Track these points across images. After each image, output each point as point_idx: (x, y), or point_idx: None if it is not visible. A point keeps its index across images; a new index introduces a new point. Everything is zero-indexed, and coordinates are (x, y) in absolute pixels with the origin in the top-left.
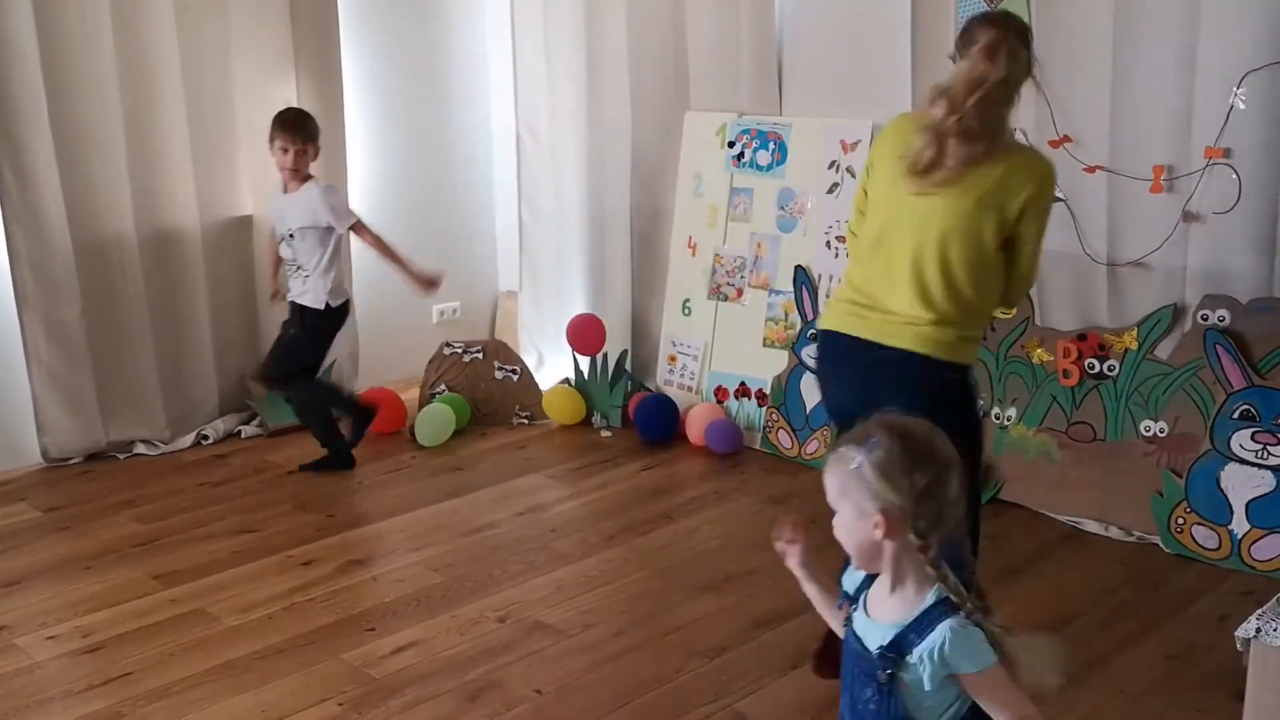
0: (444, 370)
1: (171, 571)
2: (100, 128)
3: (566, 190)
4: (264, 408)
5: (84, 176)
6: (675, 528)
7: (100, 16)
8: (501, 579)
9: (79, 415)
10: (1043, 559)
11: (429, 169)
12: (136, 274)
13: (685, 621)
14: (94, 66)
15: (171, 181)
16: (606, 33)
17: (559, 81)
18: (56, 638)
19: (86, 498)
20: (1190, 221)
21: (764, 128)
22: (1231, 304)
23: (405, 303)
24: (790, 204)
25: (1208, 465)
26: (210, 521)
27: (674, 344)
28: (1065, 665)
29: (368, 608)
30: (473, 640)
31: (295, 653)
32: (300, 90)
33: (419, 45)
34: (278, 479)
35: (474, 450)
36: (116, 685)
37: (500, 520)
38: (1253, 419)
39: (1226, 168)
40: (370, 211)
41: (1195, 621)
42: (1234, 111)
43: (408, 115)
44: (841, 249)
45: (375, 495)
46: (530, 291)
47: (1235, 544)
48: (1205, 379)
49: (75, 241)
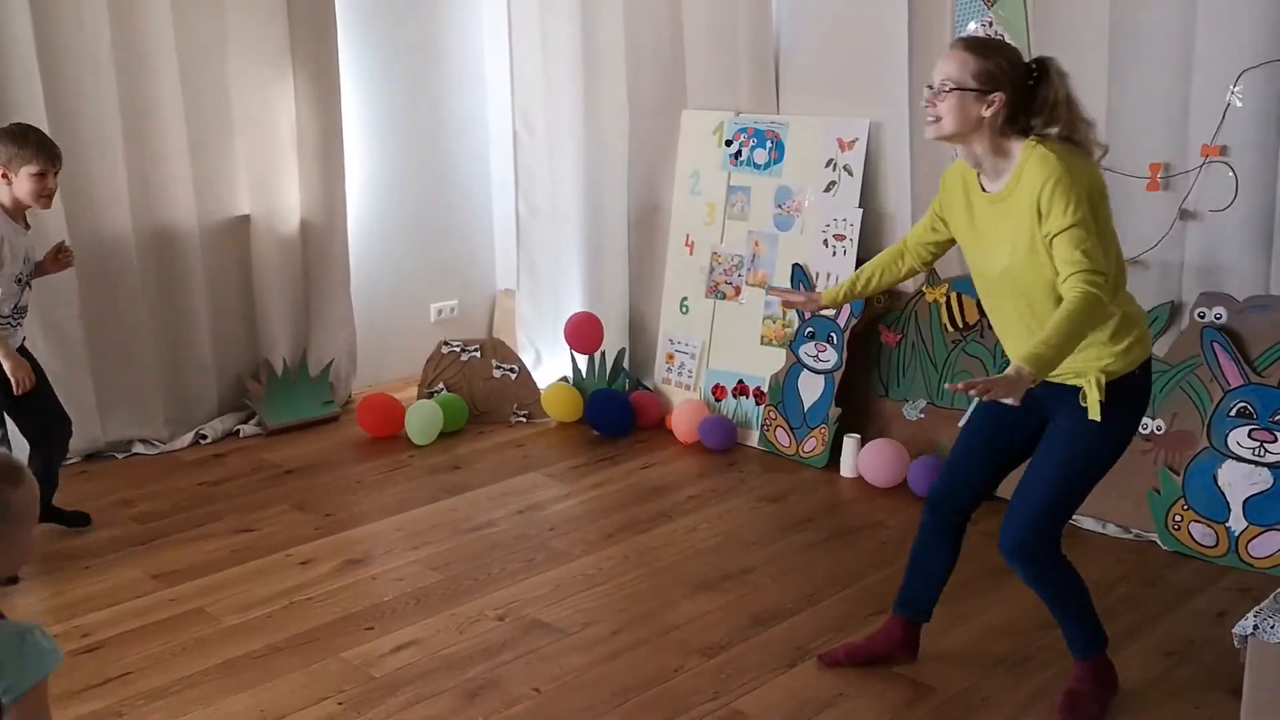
0: (442, 369)
1: (170, 571)
2: (97, 128)
3: (564, 188)
4: (262, 407)
5: (82, 176)
6: (673, 526)
7: (97, 15)
8: (500, 577)
9: (77, 415)
10: None
11: (426, 167)
12: (134, 274)
13: (684, 620)
14: (91, 66)
15: (169, 181)
16: (603, 31)
17: (556, 80)
18: (56, 637)
19: (85, 497)
20: (1187, 219)
21: (761, 126)
22: (1228, 302)
23: (403, 302)
24: (788, 202)
25: (1205, 463)
26: (208, 521)
27: (672, 342)
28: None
29: (366, 607)
30: (471, 639)
31: (294, 652)
32: (297, 88)
33: (416, 43)
34: (276, 478)
35: (472, 449)
36: (115, 685)
37: (499, 519)
38: (1250, 416)
39: (1223, 165)
40: (368, 210)
41: (1193, 618)
42: (1230, 109)
43: (405, 114)
44: (839, 246)
45: (373, 494)
46: (528, 290)
47: (1233, 541)
48: (1202, 376)
49: (73, 241)
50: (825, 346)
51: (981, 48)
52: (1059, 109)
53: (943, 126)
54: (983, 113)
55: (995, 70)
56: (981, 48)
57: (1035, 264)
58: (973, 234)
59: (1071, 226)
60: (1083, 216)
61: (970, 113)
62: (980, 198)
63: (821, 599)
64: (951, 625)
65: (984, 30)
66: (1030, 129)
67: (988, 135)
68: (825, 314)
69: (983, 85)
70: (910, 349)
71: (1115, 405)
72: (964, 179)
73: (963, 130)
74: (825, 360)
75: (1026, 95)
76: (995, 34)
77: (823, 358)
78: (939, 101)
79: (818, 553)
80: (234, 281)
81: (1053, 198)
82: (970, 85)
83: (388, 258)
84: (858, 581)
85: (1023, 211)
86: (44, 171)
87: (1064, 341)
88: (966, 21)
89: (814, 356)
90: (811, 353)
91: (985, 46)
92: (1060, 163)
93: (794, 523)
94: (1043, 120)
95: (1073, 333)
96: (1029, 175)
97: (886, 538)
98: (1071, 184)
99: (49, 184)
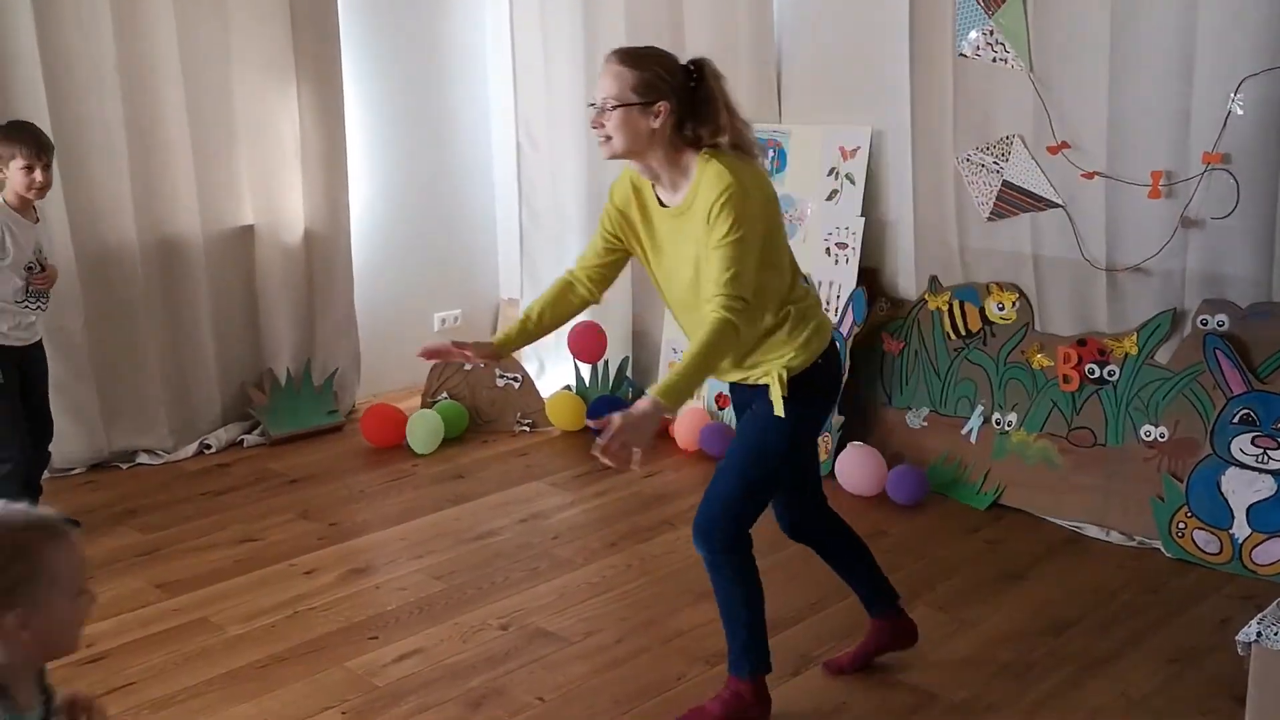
0: (445, 378)
1: (174, 581)
2: (102, 138)
3: (566, 197)
4: (266, 416)
5: (86, 186)
6: (677, 534)
7: (101, 26)
8: (503, 586)
9: (82, 425)
10: (1044, 563)
11: (430, 177)
12: (139, 283)
13: (687, 628)
14: (95, 76)
15: (174, 191)
16: (605, 40)
17: (558, 89)
18: None
19: (89, 507)
20: (1189, 227)
21: (763, 135)
22: (1231, 309)
23: (406, 311)
24: (790, 211)
25: (1208, 470)
26: (212, 531)
27: (675, 350)
28: None
29: (370, 616)
30: (475, 648)
31: (298, 661)
32: (301, 98)
33: (418, 52)
34: (280, 488)
35: (475, 458)
36: (120, 695)
37: (502, 527)
38: (1253, 423)
39: (1225, 173)
40: (371, 219)
41: (1196, 626)
42: (1232, 117)
43: (408, 122)
44: (841, 255)
45: (377, 503)
46: (531, 298)
47: (1236, 548)
48: (1205, 383)
49: (78, 251)
50: None
51: (635, 59)
52: (721, 113)
53: (614, 145)
54: (652, 125)
55: (654, 79)
56: (635, 59)
57: None
58: (654, 248)
59: (729, 245)
60: (743, 235)
61: (639, 127)
62: (659, 211)
63: (824, 607)
64: (954, 633)
65: (985, 39)
66: (700, 139)
67: (661, 148)
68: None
69: (645, 97)
70: (913, 357)
71: (802, 396)
72: (637, 192)
73: (635, 146)
74: None
75: (690, 100)
76: (996, 42)
77: None
78: (605, 121)
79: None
80: (238, 291)
81: (720, 214)
82: (633, 99)
83: (391, 267)
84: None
85: (701, 224)
86: (30, 165)
87: (696, 373)
88: (967, 30)
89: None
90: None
91: (639, 56)
92: (735, 179)
93: None
94: (710, 128)
95: (706, 363)
96: (704, 188)
97: (889, 545)
98: (743, 201)
99: (37, 176)
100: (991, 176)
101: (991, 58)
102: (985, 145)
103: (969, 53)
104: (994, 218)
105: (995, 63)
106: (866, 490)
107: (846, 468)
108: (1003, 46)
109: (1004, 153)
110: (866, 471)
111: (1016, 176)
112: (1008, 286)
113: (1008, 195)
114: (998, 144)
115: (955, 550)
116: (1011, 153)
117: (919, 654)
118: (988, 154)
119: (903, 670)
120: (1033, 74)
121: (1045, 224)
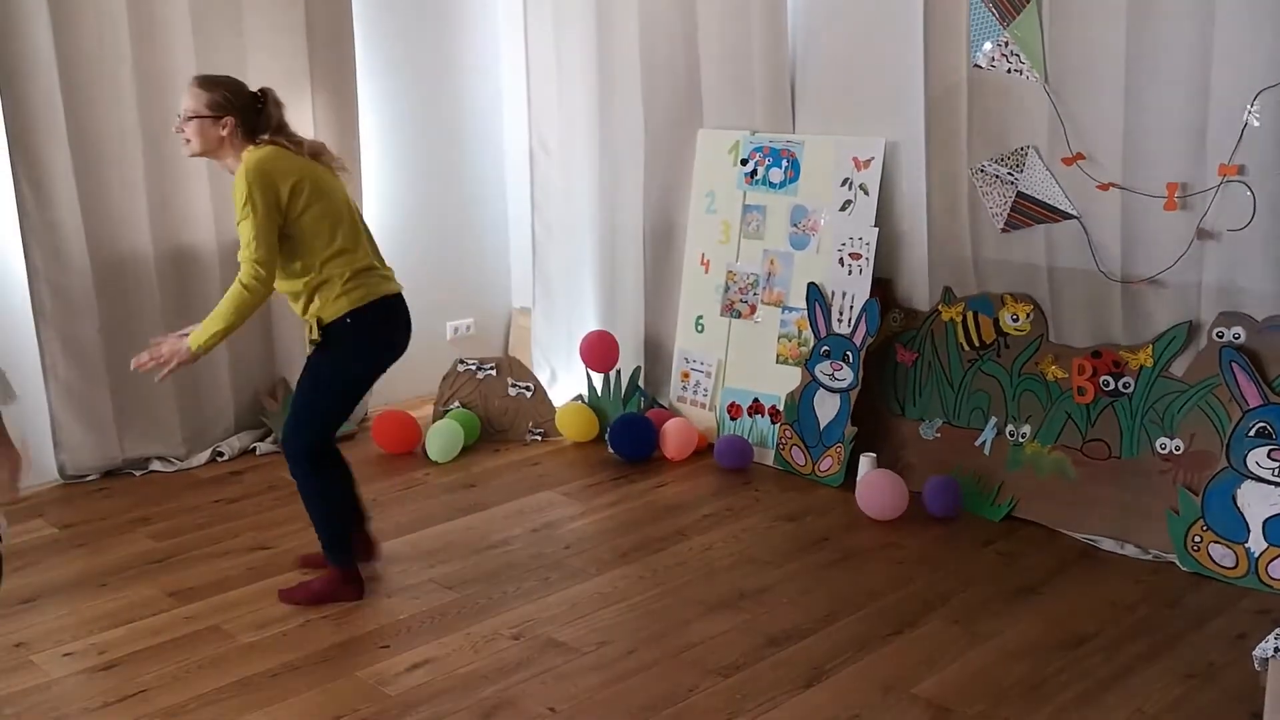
0: (457, 387)
1: (187, 588)
2: (118, 147)
3: (579, 207)
4: (279, 424)
5: (101, 193)
6: (688, 545)
7: (119, 35)
8: (515, 596)
9: (96, 432)
10: (1059, 577)
11: (443, 186)
12: (153, 290)
13: (699, 639)
14: (111, 85)
15: (188, 198)
16: (619, 51)
17: (572, 99)
18: (73, 655)
19: (102, 514)
20: (1205, 239)
21: (777, 145)
22: (1247, 321)
23: (418, 319)
24: (803, 221)
25: (1224, 483)
26: (225, 538)
27: (687, 360)
28: None
29: (382, 625)
30: (486, 658)
31: (310, 670)
32: (316, 108)
33: (433, 63)
34: (292, 496)
35: (487, 467)
36: (132, 702)
37: (513, 537)
38: (1269, 437)
39: (1241, 185)
40: (385, 228)
41: (1212, 640)
42: (1248, 129)
43: (422, 132)
44: (855, 266)
45: (388, 512)
46: (543, 308)
47: (1252, 562)
48: (1221, 396)
49: (93, 258)
50: (841, 365)
51: (209, 83)
52: (280, 130)
53: (193, 146)
54: (221, 133)
55: (222, 99)
56: (209, 83)
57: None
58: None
59: (242, 220)
60: (251, 211)
61: (210, 134)
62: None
63: (838, 619)
64: (968, 647)
65: (999, 50)
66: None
67: (230, 150)
68: (839, 332)
69: (214, 112)
70: (926, 368)
71: (334, 342)
72: None
73: (209, 148)
74: (841, 379)
75: (257, 116)
76: (1011, 53)
77: (838, 376)
78: (186, 128)
79: (834, 572)
80: None
81: (236, 191)
82: (205, 113)
83: (404, 276)
84: (874, 601)
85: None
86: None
87: (211, 324)
88: (982, 41)
89: (830, 375)
90: (827, 371)
91: (212, 82)
92: (253, 161)
93: (810, 542)
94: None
95: (220, 316)
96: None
97: (903, 557)
98: (256, 179)
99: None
100: (1006, 188)
101: (1006, 69)
102: (1000, 156)
103: (983, 64)
104: (1008, 229)
105: (1010, 74)
106: (887, 515)
107: (867, 493)
108: (1017, 57)
109: (1019, 164)
110: (886, 500)
111: (1031, 188)
112: (1022, 298)
113: (1022, 206)
114: (1012, 155)
115: (969, 563)
116: (1026, 164)
117: (933, 667)
118: (1002, 165)
119: (916, 684)
120: (1047, 85)
121: (1060, 235)
